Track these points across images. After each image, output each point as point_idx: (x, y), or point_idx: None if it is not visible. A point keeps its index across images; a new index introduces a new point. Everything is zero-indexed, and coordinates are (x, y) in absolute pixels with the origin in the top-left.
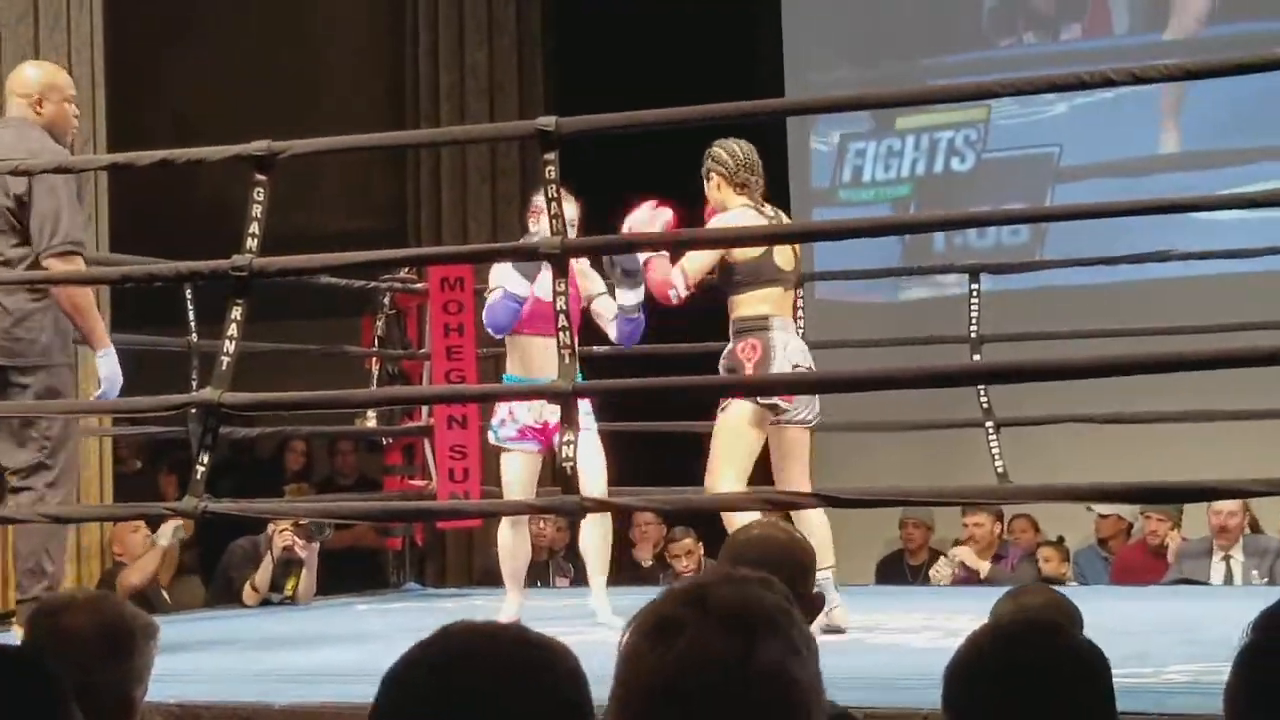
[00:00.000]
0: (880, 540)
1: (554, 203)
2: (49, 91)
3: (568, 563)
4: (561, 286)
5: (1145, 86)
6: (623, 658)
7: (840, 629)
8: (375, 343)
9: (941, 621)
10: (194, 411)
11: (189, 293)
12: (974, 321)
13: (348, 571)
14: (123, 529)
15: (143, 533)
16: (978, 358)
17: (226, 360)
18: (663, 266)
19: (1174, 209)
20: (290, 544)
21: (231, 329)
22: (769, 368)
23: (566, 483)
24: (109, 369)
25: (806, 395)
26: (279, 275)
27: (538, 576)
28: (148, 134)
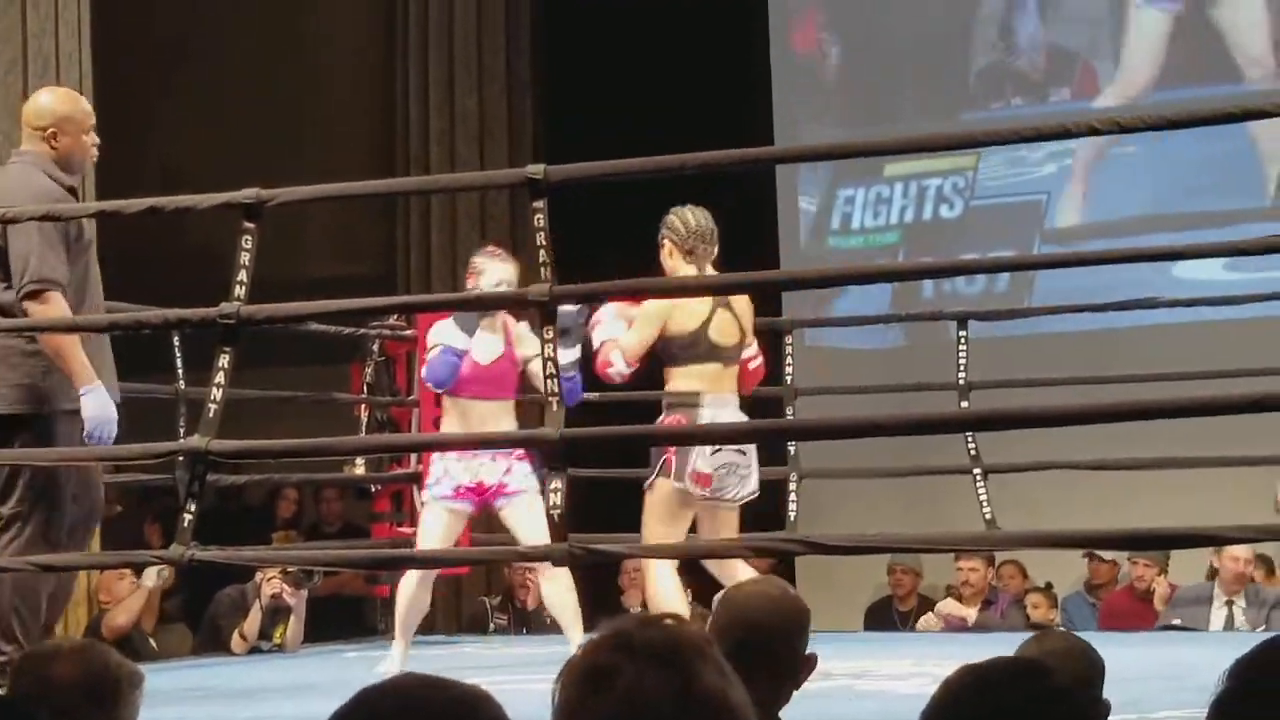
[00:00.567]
0: (869, 586)
1: (543, 250)
2: (64, 124)
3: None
4: (549, 334)
5: (1129, 149)
6: (560, 712)
7: None
8: (364, 390)
9: (930, 668)
10: (181, 459)
11: (177, 340)
12: (962, 368)
13: (334, 619)
14: (109, 576)
15: (129, 579)
16: (966, 404)
17: (214, 408)
18: (604, 350)
19: (1161, 257)
20: (278, 592)
21: (219, 376)
22: (687, 451)
23: (556, 531)
24: (93, 407)
25: (736, 479)
26: (267, 323)
27: (525, 624)
28: (136, 181)
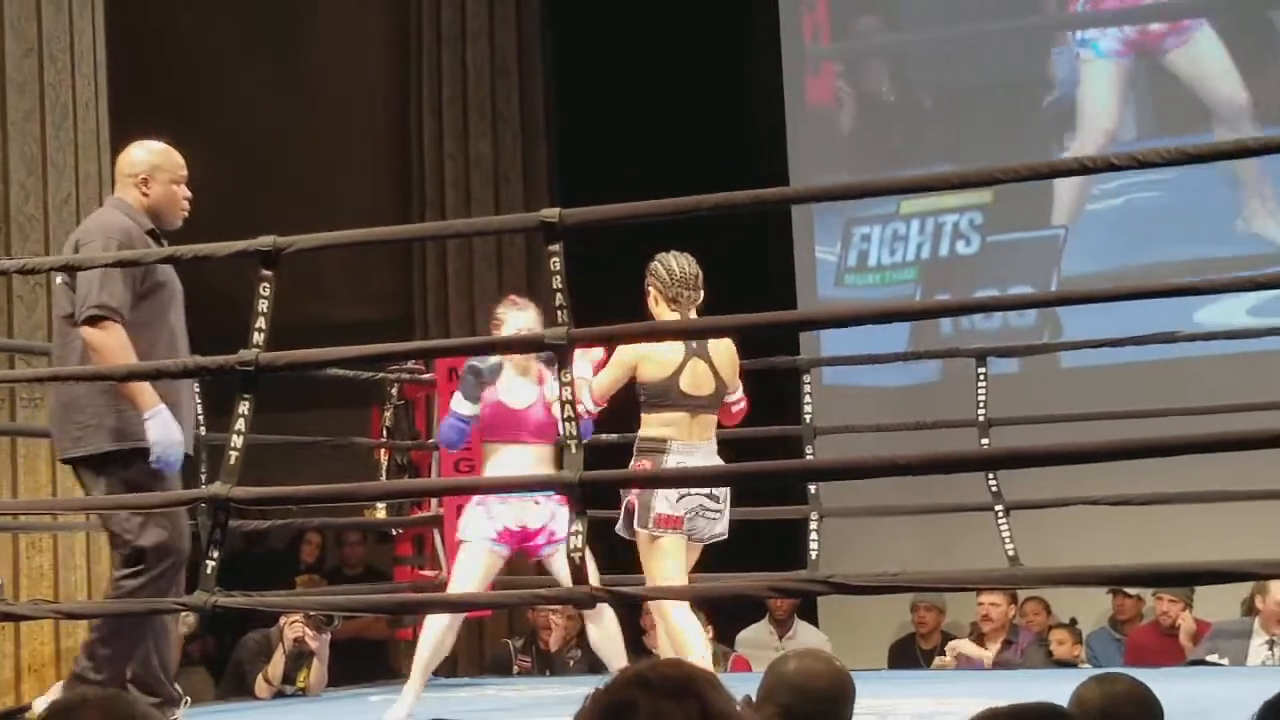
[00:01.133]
0: (893, 624)
1: (559, 293)
2: (155, 172)
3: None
4: (567, 377)
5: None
6: None
7: None
8: (384, 434)
9: (954, 707)
10: (203, 506)
11: (196, 387)
12: (982, 405)
13: (358, 662)
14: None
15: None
16: (986, 441)
17: (235, 454)
18: (576, 388)
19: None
20: (301, 636)
21: (239, 423)
22: (650, 495)
23: (577, 573)
24: (157, 431)
25: (705, 521)
26: (286, 369)
27: (548, 666)
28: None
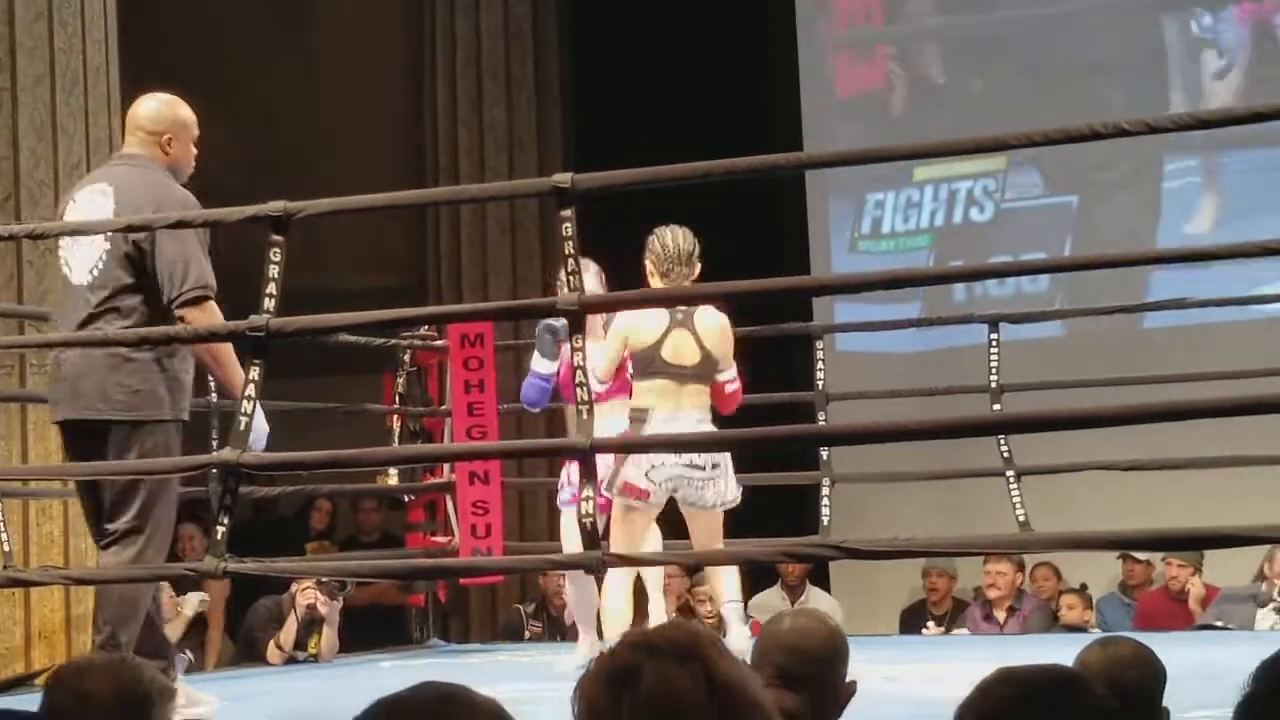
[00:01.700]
0: (904, 590)
1: (571, 259)
2: (180, 130)
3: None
4: (579, 343)
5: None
6: (587, 717)
7: None
8: (396, 400)
9: (964, 671)
10: (214, 471)
11: None
12: (994, 371)
13: (370, 628)
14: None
15: (166, 594)
16: (998, 407)
17: (245, 420)
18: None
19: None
20: (313, 602)
21: (250, 389)
22: (623, 463)
23: (588, 538)
24: (260, 420)
25: (694, 489)
26: (297, 335)
27: (558, 631)
28: None
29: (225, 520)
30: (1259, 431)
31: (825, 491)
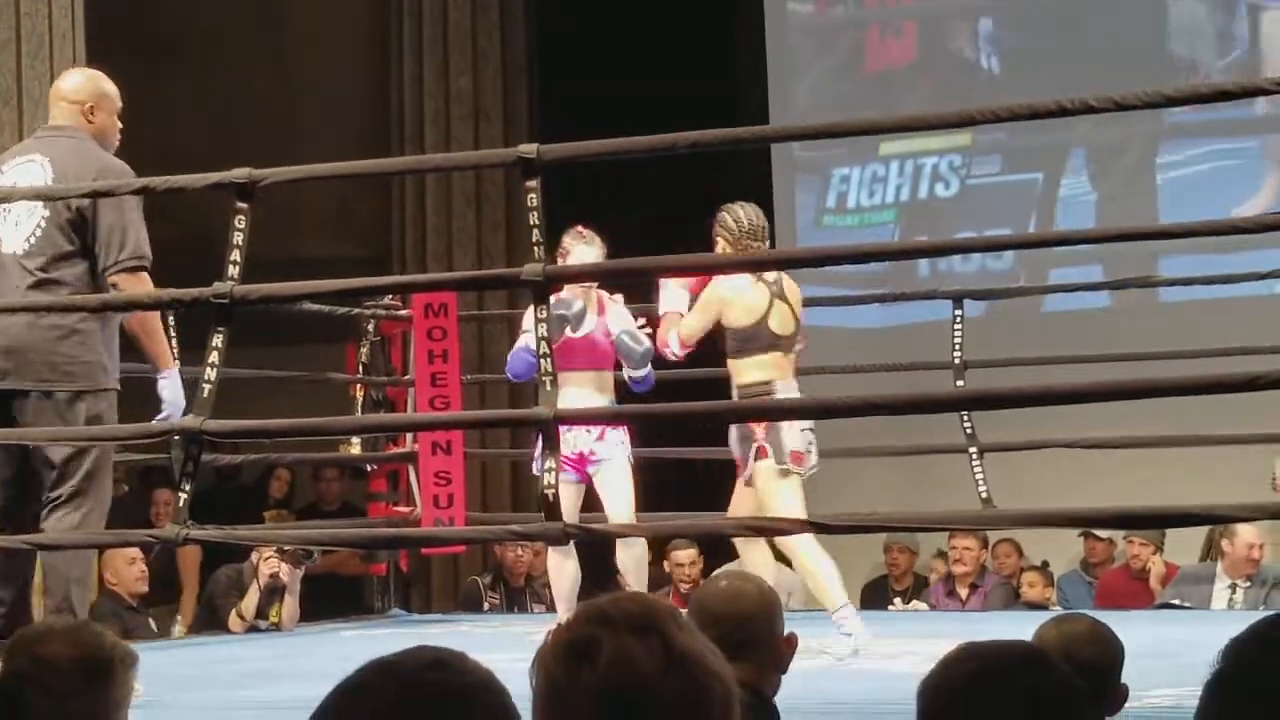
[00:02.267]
0: (866, 565)
1: (536, 229)
2: (101, 100)
3: (544, 588)
4: (543, 314)
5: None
6: (545, 692)
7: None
8: (359, 369)
9: (923, 647)
10: (176, 438)
11: (171, 319)
12: (957, 347)
13: (330, 598)
14: (114, 556)
15: (133, 562)
16: (961, 383)
17: (208, 387)
18: (667, 323)
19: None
20: (276, 571)
21: (213, 356)
22: (779, 433)
23: (549, 509)
24: (173, 392)
25: (814, 455)
26: (261, 303)
27: (515, 602)
28: (130, 162)
29: (187, 487)
30: (1220, 411)
31: None
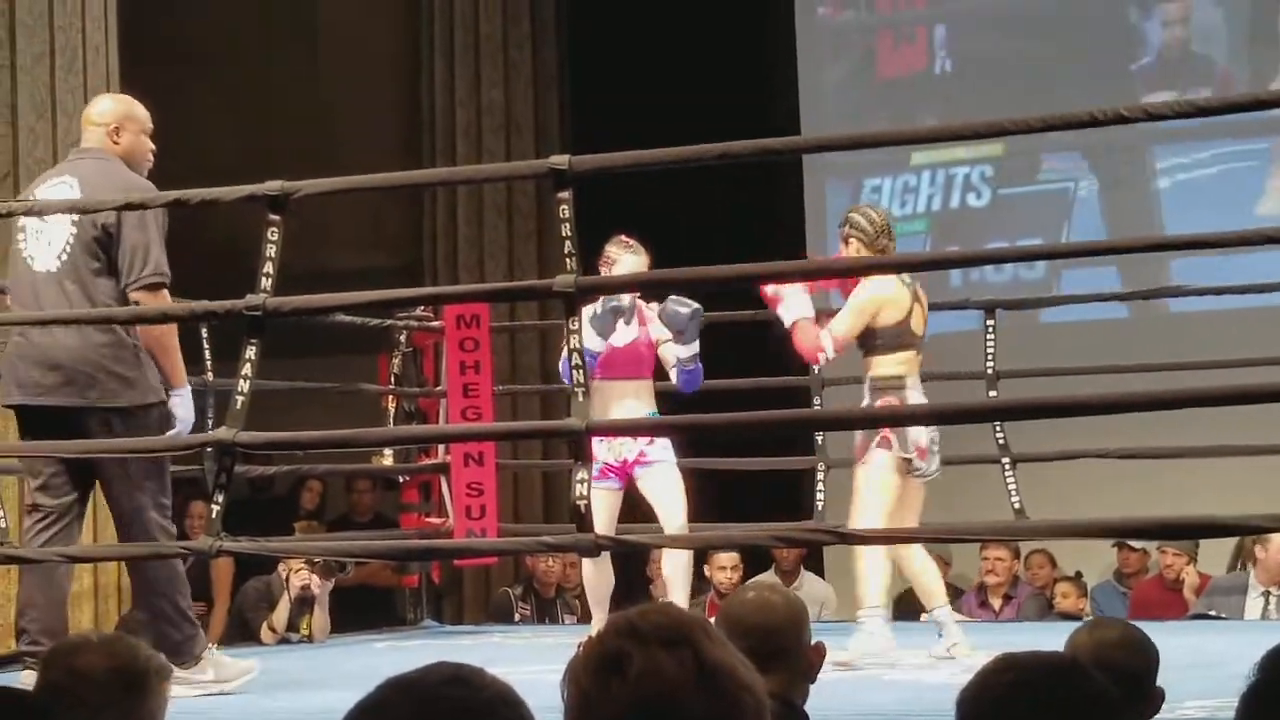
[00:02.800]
0: (898, 576)
1: (569, 241)
2: (126, 121)
3: (575, 599)
4: (575, 325)
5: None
6: (576, 704)
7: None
8: (391, 380)
9: (959, 658)
10: (209, 450)
11: (204, 331)
12: (990, 357)
13: (361, 609)
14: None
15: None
16: (994, 394)
17: (241, 399)
18: (807, 332)
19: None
20: (308, 583)
21: (246, 368)
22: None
23: (580, 520)
24: (185, 409)
25: (937, 458)
26: (293, 314)
27: (545, 614)
28: (163, 174)
29: (220, 499)
30: (1253, 422)
31: (820, 476)
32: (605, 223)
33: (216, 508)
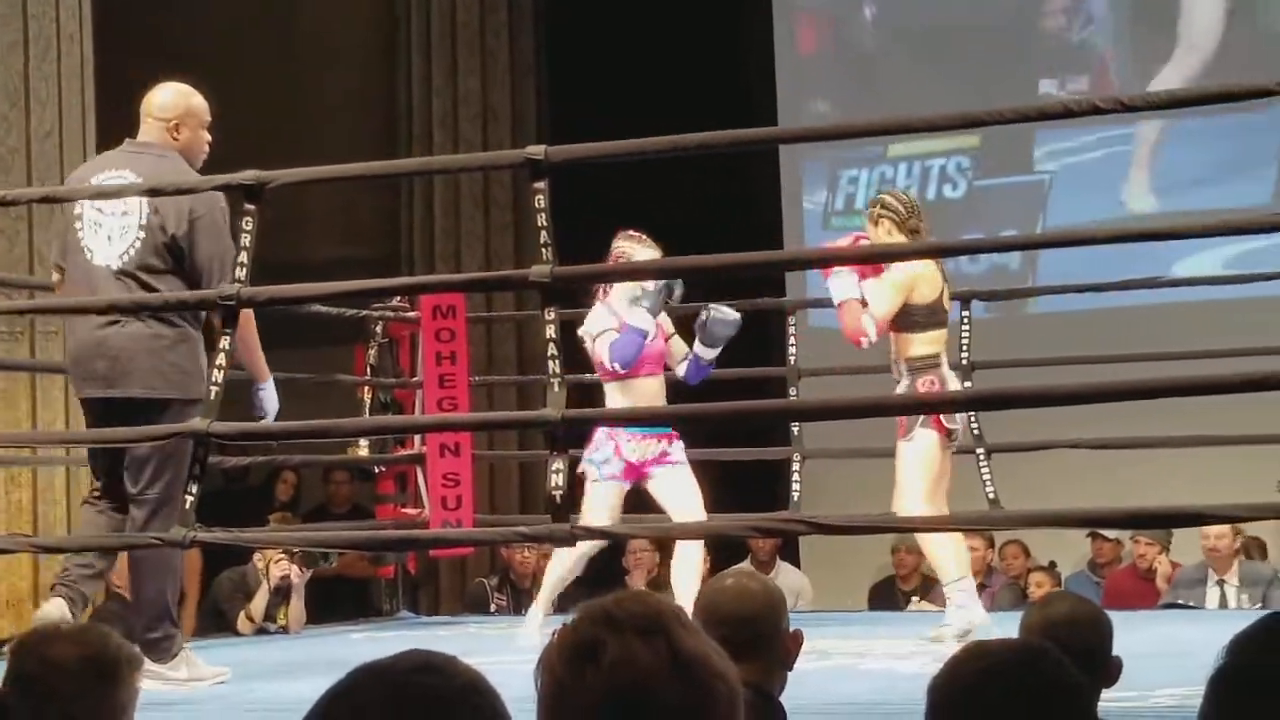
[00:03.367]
0: (873, 566)
1: (545, 231)
2: (187, 117)
3: None
4: (551, 315)
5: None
6: (550, 692)
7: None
8: (367, 371)
9: (932, 647)
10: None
11: None
12: (965, 348)
13: (337, 600)
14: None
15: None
16: (969, 384)
17: (215, 390)
18: (853, 313)
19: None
20: (287, 573)
21: (220, 358)
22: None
23: (556, 511)
24: (272, 402)
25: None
26: (269, 304)
27: (521, 604)
28: None
29: (194, 489)
30: (1225, 412)
31: (796, 467)
32: (581, 212)
33: (190, 498)
